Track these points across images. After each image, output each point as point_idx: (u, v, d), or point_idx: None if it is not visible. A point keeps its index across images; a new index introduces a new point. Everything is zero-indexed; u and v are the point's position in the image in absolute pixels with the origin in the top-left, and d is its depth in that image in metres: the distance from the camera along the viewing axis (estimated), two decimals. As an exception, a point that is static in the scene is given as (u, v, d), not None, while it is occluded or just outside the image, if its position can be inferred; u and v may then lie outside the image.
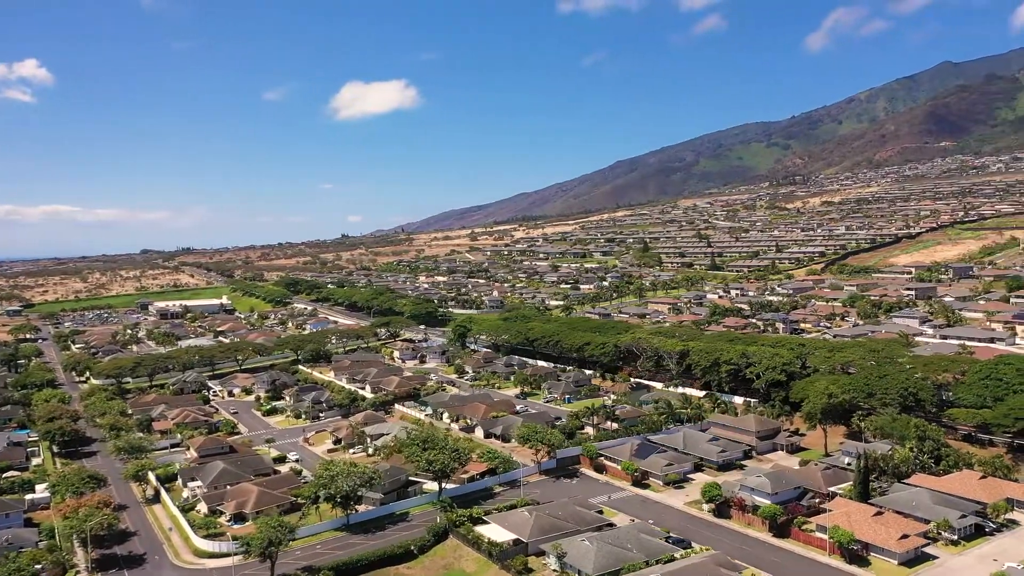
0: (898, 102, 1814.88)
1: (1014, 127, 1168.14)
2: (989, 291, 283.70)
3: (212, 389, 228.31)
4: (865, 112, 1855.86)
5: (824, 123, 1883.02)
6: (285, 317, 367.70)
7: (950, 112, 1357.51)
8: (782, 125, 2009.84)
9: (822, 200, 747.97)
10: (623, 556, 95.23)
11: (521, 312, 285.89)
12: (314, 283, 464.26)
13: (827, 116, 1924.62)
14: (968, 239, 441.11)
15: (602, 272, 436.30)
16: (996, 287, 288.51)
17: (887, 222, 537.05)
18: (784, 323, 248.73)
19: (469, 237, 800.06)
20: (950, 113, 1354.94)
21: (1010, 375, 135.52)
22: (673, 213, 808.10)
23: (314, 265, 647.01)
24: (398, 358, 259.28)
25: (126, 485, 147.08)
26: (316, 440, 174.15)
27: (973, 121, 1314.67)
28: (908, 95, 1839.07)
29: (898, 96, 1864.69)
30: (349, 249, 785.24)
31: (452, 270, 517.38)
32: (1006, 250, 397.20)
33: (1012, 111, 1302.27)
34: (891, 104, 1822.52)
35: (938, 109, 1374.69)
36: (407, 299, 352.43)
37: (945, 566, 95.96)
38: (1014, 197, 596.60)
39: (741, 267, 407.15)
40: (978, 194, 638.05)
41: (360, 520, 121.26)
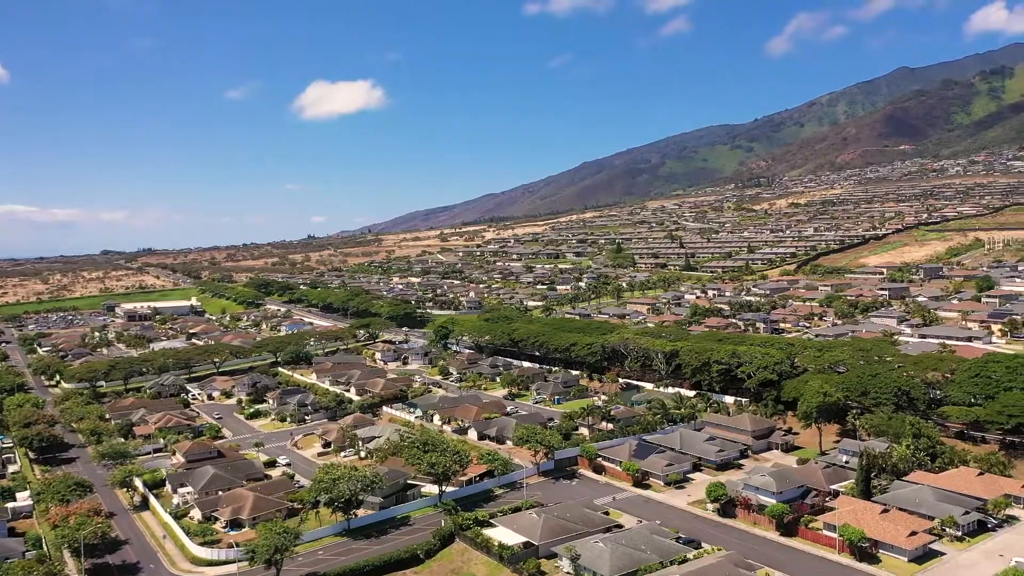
0: (858, 106, 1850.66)
1: (970, 131, 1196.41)
2: (960, 291, 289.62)
3: (191, 393, 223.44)
4: (826, 115, 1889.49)
5: (787, 126, 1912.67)
6: (259, 319, 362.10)
7: (909, 116, 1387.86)
8: (746, 128, 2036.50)
9: (788, 202, 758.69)
10: (638, 557, 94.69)
11: (502, 313, 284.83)
12: (286, 284, 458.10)
13: (789, 119, 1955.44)
14: (934, 240, 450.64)
15: (577, 273, 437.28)
16: (967, 287, 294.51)
17: (854, 224, 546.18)
18: (765, 323, 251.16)
19: (439, 238, 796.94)
20: (909, 117, 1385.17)
21: (1000, 373, 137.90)
22: (642, 214, 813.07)
23: (283, 266, 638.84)
24: (380, 360, 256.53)
25: (110, 492, 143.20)
26: (304, 443, 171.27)
27: (931, 125, 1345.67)
28: (867, 99, 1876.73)
29: (858, 100, 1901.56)
30: (317, 250, 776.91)
31: (426, 271, 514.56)
32: (971, 251, 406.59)
33: (968, 116, 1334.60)
34: (851, 108, 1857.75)
35: (897, 113, 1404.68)
36: (384, 300, 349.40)
37: (953, 562, 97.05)
38: (974, 199, 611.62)
39: (715, 268, 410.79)
40: (939, 196, 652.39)
41: (361, 524, 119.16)
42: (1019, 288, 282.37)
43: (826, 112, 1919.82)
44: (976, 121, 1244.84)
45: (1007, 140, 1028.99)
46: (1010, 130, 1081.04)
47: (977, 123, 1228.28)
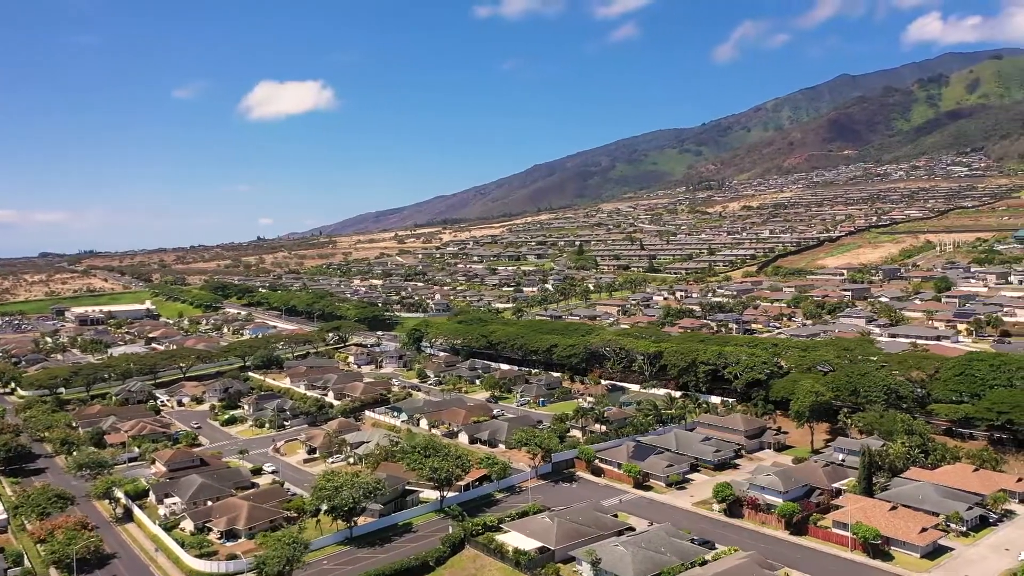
0: (802, 112, 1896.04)
1: (909, 137, 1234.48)
2: (919, 291, 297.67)
3: (160, 399, 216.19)
4: (771, 120, 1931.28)
5: (733, 130, 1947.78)
6: (219, 322, 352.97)
7: (851, 122, 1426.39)
8: (694, 132, 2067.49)
9: (741, 205, 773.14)
10: (659, 560, 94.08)
11: (476, 315, 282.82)
12: (244, 287, 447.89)
13: (736, 124, 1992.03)
14: (886, 242, 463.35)
15: (541, 275, 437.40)
16: (925, 287, 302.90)
17: (807, 226, 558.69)
18: (737, 324, 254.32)
19: (396, 240, 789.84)
20: (851, 123, 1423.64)
21: (983, 371, 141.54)
22: (598, 216, 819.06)
23: (237, 268, 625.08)
24: (353, 363, 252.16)
25: (86, 503, 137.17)
26: (287, 450, 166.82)
27: (872, 131, 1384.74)
28: (810, 105, 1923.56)
29: (802, 106, 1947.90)
30: (271, 252, 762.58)
31: (387, 273, 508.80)
32: (923, 252, 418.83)
33: (907, 122, 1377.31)
34: (795, 113, 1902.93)
35: (840, 119, 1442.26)
36: (350, 303, 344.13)
37: (963, 557, 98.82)
38: (919, 203, 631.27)
39: (678, 269, 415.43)
40: (886, 200, 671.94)
41: (363, 532, 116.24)
42: (976, 288, 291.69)
43: (771, 117, 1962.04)
44: (915, 127, 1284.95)
45: (945, 146, 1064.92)
46: (948, 136, 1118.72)
47: (916, 129, 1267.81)
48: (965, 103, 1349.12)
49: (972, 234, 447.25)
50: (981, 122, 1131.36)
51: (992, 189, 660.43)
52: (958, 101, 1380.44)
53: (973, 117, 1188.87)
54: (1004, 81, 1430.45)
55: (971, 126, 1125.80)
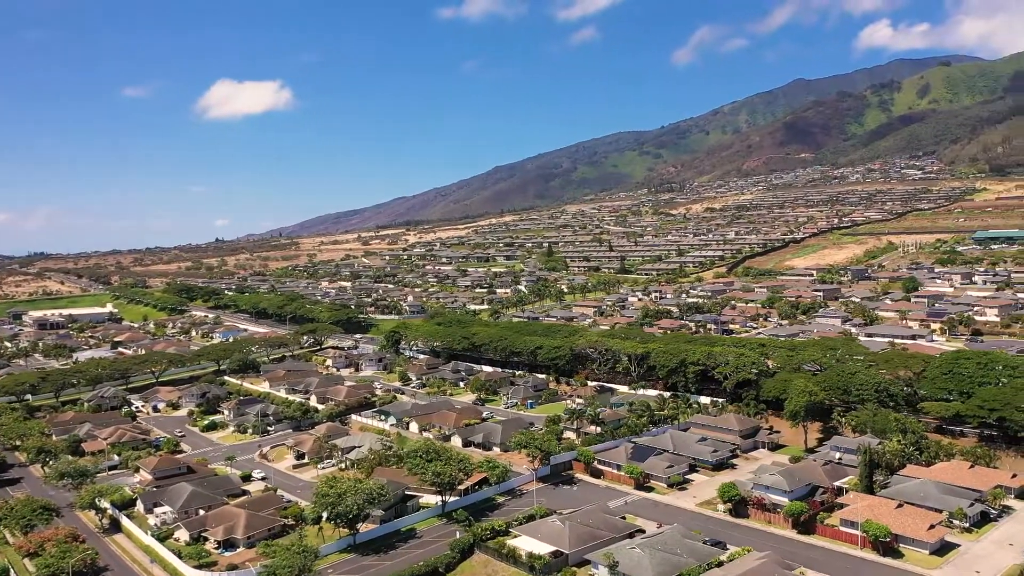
0: (758, 115, 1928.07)
1: (863, 141, 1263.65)
2: (888, 291, 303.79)
3: (134, 405, 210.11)
4: (729, 124, 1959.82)
5: (692, 133, 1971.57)
6: (187, 326, 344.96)
7: (807, 125, 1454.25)
8: (653, 134, 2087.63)
9: (704, 207, 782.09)
10: (677, 562, 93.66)
11: (454, 317, 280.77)
12: (211, 289, 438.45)
13: (695, 127, 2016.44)
14: (850, 243, 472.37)
15: (511, 276, 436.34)
16: (894, 287, 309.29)
17: (771, 228, 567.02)
18: (715, 324, 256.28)
19: (361, 242, 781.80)
20: (807, 126, 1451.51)
21: (971, 369, 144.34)
22: (563, 218, 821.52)
23: (199, 270, 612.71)
24: (332, 367, 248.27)
25: (70, 514, 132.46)
26: (274, 456, 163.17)
27: (827, 135, 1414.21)
28: (767, 109, 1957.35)
29: (758, 109, 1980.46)
30: (232, 254, 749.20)
31: (356, 275, 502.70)
32: (886, 253, 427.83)
33: (861, 126, 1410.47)
34: (752, 117, 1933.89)
35: (797, 123, 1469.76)
36: (322, 305, 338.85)
37: (970, 553, 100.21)
38: (877, 205, 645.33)
39: (649, 271, 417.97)
40: (845, 202, 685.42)
41: (366, 539, 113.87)
42: (943, 288, 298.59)
43: (729, 120, 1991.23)
44: (869, 131, 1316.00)
45: (898, 149, 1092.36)
46: (900, 140, 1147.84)
47: (870, 133, 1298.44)
48: (916, 108, 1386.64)
49: (931, 235, 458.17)
50: (932, 127, 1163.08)
51: (946, 191, 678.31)
52: (909, 106, 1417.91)
53: (924, 122, 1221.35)
54: (952, 87, 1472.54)
55: (923, 130, 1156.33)
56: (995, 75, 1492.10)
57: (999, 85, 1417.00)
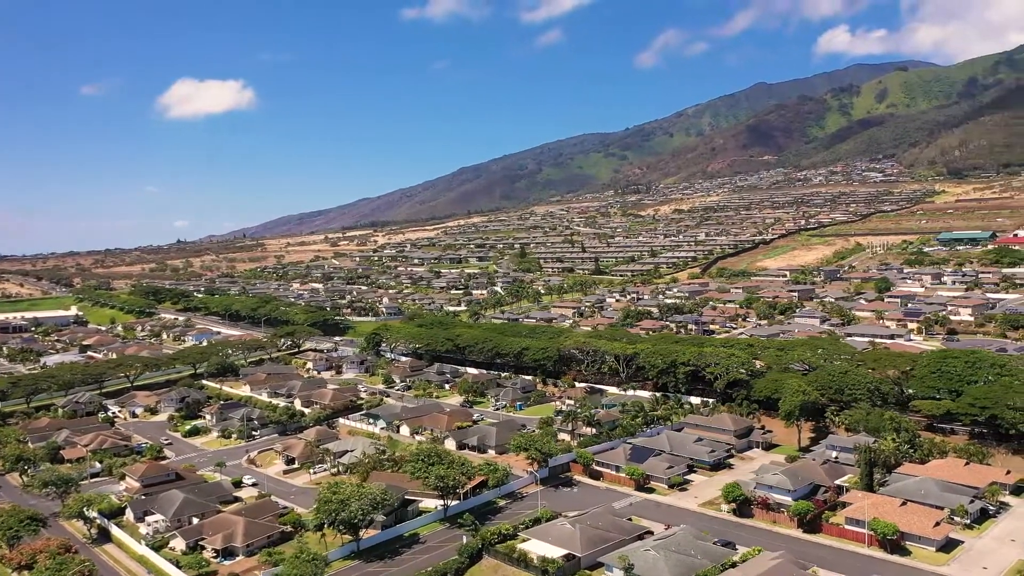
0: (721, 118, 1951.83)
1: (824, 144, 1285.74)
2: (861, 292, 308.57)
3: (111, 410, 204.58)
4: (693, 126, 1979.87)
5: (657, 136, 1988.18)
6: (157, 328, 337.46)
7: (770, 128, 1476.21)
8: (618, 136, 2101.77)
9: (672, 208, 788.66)
10: (692, 563, 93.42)
11: (435, 318, 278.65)
12: (180, 291, 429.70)
13: (659, 129, 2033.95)
14: (818, 245, 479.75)
15: (486, 277, 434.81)
16: (866, 288, 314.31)
17: (740, 229, 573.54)
18: (696, 324, 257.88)
19: (329, 243, 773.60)
20: (770, 129, 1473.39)
21: (959, 368, 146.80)
22: (532, 219, 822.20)
23: (164, 272, 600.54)
24: (312, 370, 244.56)
25: (55, 524, 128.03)
26: (263, 461, 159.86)
27: (789, 138, 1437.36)
28: (730, 112, 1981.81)
29: (721, 112, 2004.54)
30: (196, 255, 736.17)
31: (327, 276, 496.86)
32: (855, 254, 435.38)
33: (822, 129, 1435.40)
34: (715, 120, 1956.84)
35: (760, 126, 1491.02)
36: (297, 307, 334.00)
37: (975, 549, 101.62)
38: (842, 206, 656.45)
39: (624, 272, 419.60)
40: (810, 204, 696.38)
41: (369, 545, 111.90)
42: (914, 289, 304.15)
43: (693, 123, 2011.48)
44: (830, 135, 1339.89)
45: (859, 152, 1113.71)
46: (860, 143, 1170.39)
47: (831, 136, 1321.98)
48: (875, 112, 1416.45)
49: (896, 237, 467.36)
50: (890, 130, 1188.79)
51: (907, 194, 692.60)
52: (868, 110, 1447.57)
53: (883, 125, 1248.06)
54: (910, 92, 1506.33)
55: (882, 134, 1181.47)
56: (949, 81, 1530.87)
57: (953, 90, 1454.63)
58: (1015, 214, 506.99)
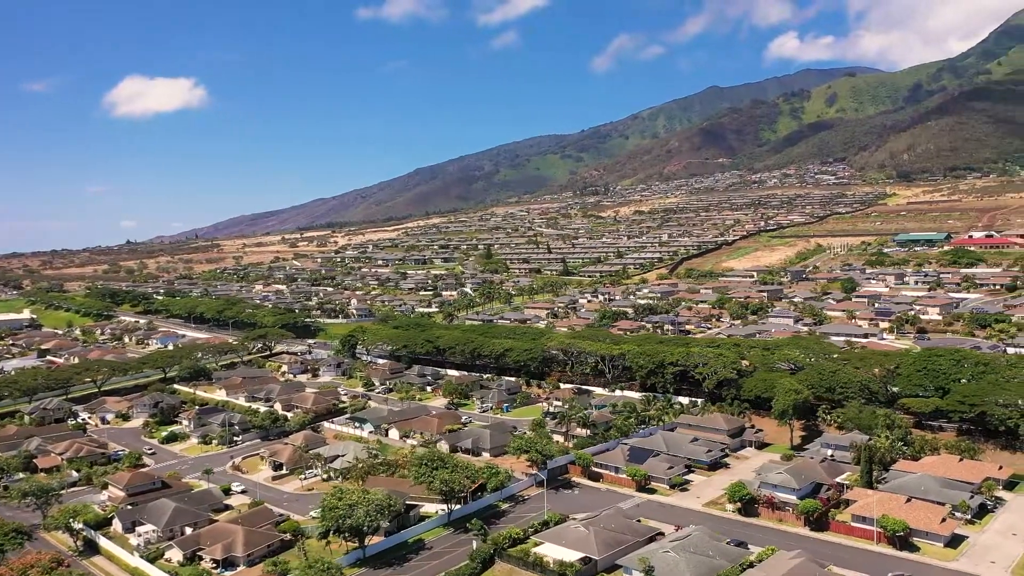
0: (675, 121, 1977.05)
1: (777, 147, 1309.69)
2: (828, 292, 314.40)
3: (81, 416, 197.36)
4: (648, 129, 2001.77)
5: (612, 138, 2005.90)
6: (118, 332, 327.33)
7: (724, 131, 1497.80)
8: (574, 138, 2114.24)
9: (633, 210, 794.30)
10: (712, 564, 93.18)
11: (411, 320, 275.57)
12: (139, 293, 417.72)
13: (615, 131, 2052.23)
14: (780, 246, 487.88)
15: (454, 279, 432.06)
16: (833, 288, 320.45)
17: (702, 230, 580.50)
18: (672, 325, 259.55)
19: (287, 244, 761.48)
20: (724, 132, 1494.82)
21: (946, 366, 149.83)
22: (494, 220, 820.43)
23: (118, 274, 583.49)
24: (287, 373, 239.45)
25: (37, 537, 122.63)
26: (248, 467, 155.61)
27: (742, 141, 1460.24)
28: (683, 115, 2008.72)
29: (675, 115, 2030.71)
30: (150, 256, 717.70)
31: (291, 278, 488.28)
32: (817, 255, 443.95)
33: (774, 133, 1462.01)
34: (670, 123, 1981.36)
35: (714, 129, 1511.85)
36: (265, 309, 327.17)
37: (980, 544, 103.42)
38: (799, 208, 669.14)
39: (592, 272, 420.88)
40: (767, 205, 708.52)
41: (375, 552, 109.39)
42: (879, 289, 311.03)
43: (647, 126, 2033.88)
44: (782, 138, 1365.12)
45: (810, 155, 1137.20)
46: (812, 147, 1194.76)
47: (783, 139, 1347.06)
48: (825, 116, 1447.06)
49: (854, 238, 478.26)
50: (840, 134, 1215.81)
51: (860, 196, 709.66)
52: (819, 114, 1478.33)
53: (833, 129, 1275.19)
54: (858, 97, 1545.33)
55: (832, 137, 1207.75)
56: (895, 86, 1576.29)
57: (899, 95, 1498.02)
58: (964, 216, 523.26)
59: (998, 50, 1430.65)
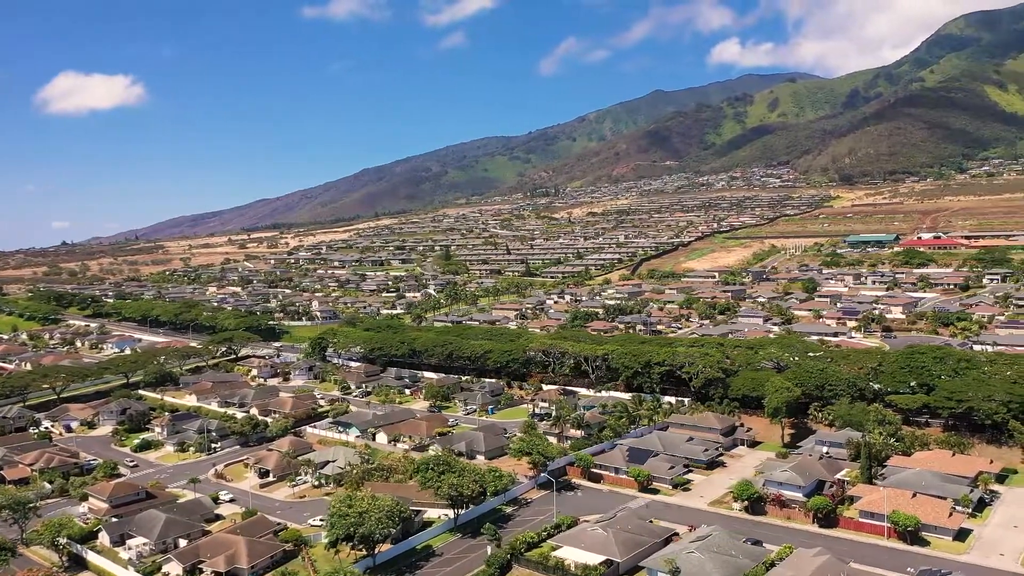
0: (621, 124, 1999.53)
1: (722, 150, 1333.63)
2: (790, 292, 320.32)
3: (44, 424, 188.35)
4: (594, 131, 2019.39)
5: (560, 140, 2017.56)
6: (69, 336, 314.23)
7: (670, 134, 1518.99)
8: (522, 140, 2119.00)
9: (586, 211, 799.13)
10: (737, 564, 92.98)
11: (385, 322, 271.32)
12: (88, 296, 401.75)
13: (562, 133, 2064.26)
14: (736, 247, 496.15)
15: (415, 280, 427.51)
16: (794, 288, 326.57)
17: (656, 232, 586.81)
18: (645, 325, 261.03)
19: (236, 245, 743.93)
20: (670, 135, 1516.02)
21: (928, 363, 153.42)
22: (447, 221, 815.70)
23: (59, 276, 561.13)
24: (257, 377, 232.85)
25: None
26: (233, 474, 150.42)
27: (688, 144, 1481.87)
28: (629, 118, 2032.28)
29: (621, 118, 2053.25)
30: (92, 258, 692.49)
31: (246, 280, 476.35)
32: (772, 256, 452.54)
33: (719, 136, 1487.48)
34: (616, 125, 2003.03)
35: (660, 132, 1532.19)
36: (226, 312, 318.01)
37: (985, 537, 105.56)
38: (748, 210, 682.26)
39: (554, 273, 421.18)
40: (718, 207, 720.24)
41: (386, 560, 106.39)
42: (839, 289, 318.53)
43: (594, 128, 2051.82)
44: (727, 141, 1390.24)
45: (755, 158, 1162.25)
46: (756, 150, 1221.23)
47: (728, 143, 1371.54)
48: (768, 120, 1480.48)
49: (805, 239, 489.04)
50: (783, 138, 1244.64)
51: (806, 199, 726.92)
52: (761, 119, 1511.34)
53: (776, 133, 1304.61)
54: (798, 102, 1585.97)
55: (775, 141, 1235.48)
56: (834, 92, 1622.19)
57: (838, 101, 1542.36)
58: (908, 218, 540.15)
59: (930, 58, 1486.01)
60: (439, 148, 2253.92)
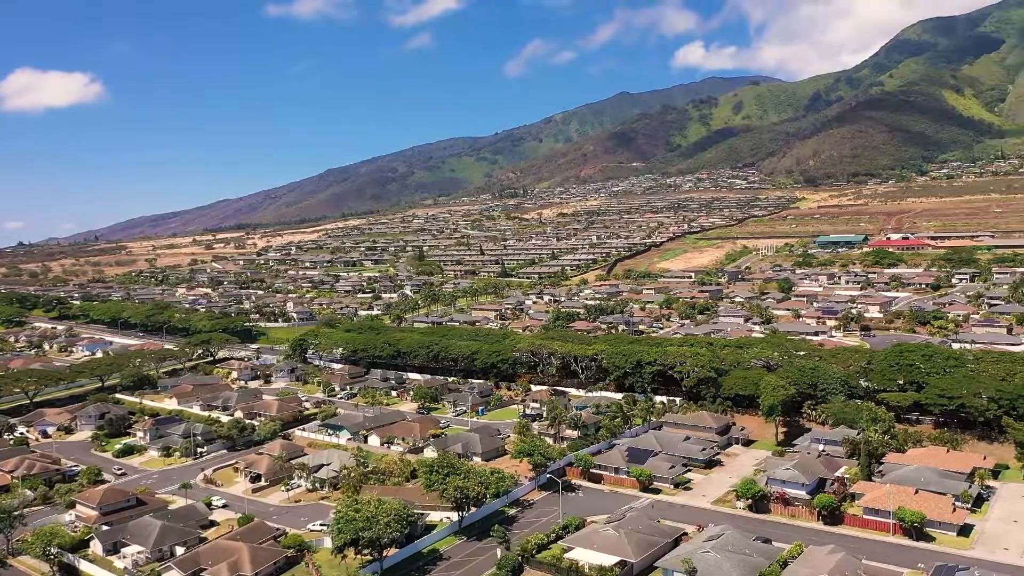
0: (587, 125, 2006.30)
1: (687, 152, 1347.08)
2: (766, 292, 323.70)
3: (19, 430, 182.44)
4: (561, 133, 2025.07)
5: (527, 141, 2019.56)
6: (37, 339, 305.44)
7: (636, 136, 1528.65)
8: (488, 141, 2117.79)
9: (556, 212, 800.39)
10: (753, 563, 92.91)
11: (367, 323, 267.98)
12: (54, 298, 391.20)
13: (528, 135, 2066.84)
14: (708, 248, 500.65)
15: (387, 281, 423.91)
16: (770, 288, 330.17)
17: (628, 232, 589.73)
18: (627, 325, 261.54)
19: (202, 246, 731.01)
20: (636, 137, 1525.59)
21: (917, 361, 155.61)
22: (416, 222, 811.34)
23: (19, 277, 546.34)
24: (238, 379, 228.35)
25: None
26: (222, 479, 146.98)
27: (655, 146, 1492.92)
28: (595, 119, 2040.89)
29: (587, 120, 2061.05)
30: (52, 259, 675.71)
31: (217, 281, 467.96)
32: (744, 256, 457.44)
33: (685, 138, 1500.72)
34: (582, 127, 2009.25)
35: (627, 133, 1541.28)
36: (200, 314, 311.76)
37: (987, 532, 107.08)
38: (717, 211, 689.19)
39: (530, 274, 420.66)
40: (687, 208, 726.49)
41: (392, 564, 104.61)
42: (814, 288, 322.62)
43: (561, 130, 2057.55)
44: (693, 143, 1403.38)
45: (720, 160, 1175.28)
46: (721, 152, 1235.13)
47: (694, 145, 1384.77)
48: (732, 123, 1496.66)
49: (775, 240, 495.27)
50: (748, 140, 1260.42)
51: (773, 200, 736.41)
52: (726, 121, 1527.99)
53: (740, 136, 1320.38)
54: (762, 104, 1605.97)
55: (740, 143, 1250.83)
56: (796, 95, 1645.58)
57: (800, 104, 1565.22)
58: (874, 219, 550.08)
59: (889, 63, 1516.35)
60: (405, 148, 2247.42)
